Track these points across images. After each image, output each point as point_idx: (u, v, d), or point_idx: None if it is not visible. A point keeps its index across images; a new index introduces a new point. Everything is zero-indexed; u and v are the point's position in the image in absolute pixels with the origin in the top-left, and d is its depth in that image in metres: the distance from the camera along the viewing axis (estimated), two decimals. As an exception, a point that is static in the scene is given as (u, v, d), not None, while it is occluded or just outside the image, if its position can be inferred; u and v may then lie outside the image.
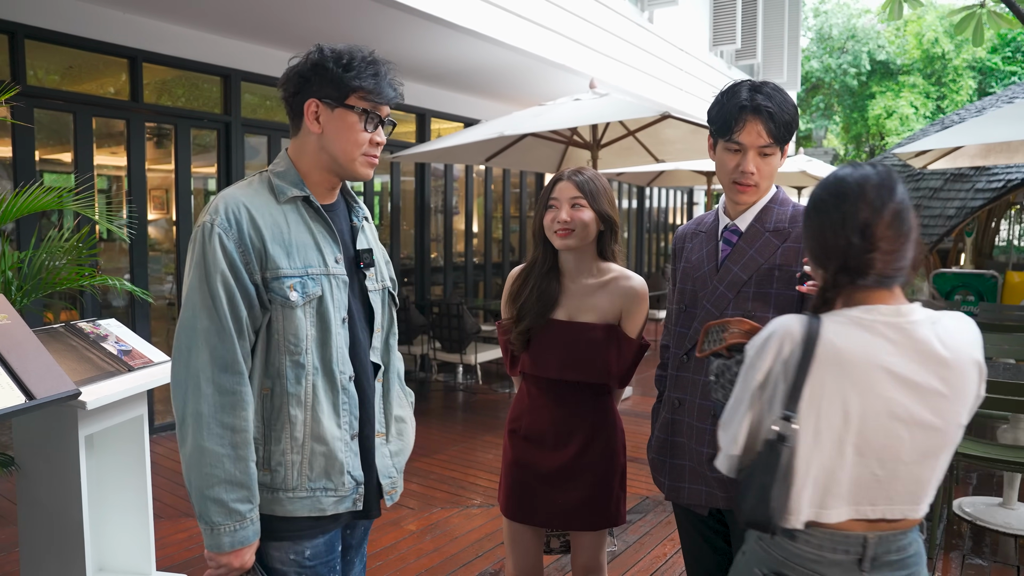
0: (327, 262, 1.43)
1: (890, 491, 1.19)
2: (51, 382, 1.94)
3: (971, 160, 6.17)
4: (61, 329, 2.48)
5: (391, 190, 7.20)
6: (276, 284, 1.36)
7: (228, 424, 1.31)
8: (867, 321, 1.19)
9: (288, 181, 1.43)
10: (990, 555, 3.26)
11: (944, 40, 15.94)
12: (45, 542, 2.36)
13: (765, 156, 1.58)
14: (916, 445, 1.18)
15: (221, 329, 1.32)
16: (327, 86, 1.40)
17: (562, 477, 1.94)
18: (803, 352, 1.19)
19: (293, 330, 1.37)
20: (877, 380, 1.17)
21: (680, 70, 9.08)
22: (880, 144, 17.10)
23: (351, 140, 1.42)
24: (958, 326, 1.20)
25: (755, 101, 1.55)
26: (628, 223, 12.18)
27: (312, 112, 1.41)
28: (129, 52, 4.82)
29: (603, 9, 7.10)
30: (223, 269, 1.33)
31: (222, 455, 1.31)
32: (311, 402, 1.39)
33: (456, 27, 5.14)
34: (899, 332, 1.18)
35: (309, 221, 1.44)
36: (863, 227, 1.16)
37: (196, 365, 1.31)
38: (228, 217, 1.35)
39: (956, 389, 1.17)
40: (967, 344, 1.18)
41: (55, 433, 2.29)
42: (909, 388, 1.17)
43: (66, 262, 2.84)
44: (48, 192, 2.74)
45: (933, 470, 1.20)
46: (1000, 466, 3.20)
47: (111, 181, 5.13)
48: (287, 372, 1.38)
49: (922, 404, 1.17)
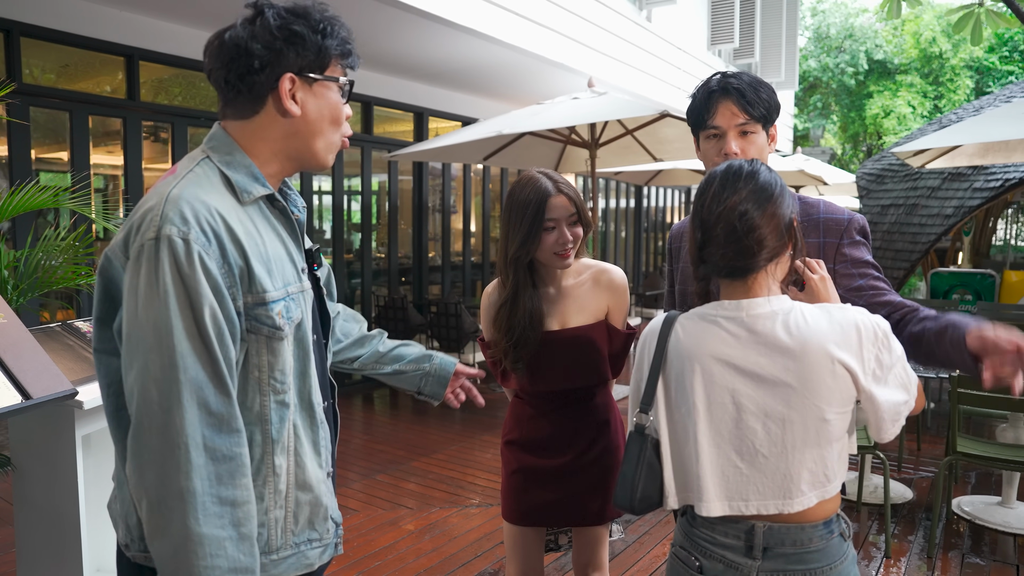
0: (299, 275, 1.18)
1: (758, 485, 1.19)
2: (48, 381, 1.92)
3: (969, 159, 6.17)
4: (58, 328, 2.47)
5: (388, 189, 7.19)
6: (262, 311, 1.09)
7: (228, 498, 1.03)
8: (710, 316, 1.24)
9: (245, 175, 1.13)
10: (989, 554, 3.26)
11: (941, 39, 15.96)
12: (42, 542, 2.35)
13: (746, 135, 1.52)
14: (773, 438, 1.18)
15: (215, 377, 1.03)
16: (305, 56, 1.13)
17: (566, 476, 1.92)
18: (657, 347, 1.30)
19: (280, 364, 1.12)
20: (719, 373, 1.21)
21: (678, 69, 9.08)
22: (878, 143, 17.13)
23: (334, 119, 1.18)
24: (813, 319, 1.17)
25: (723, 83, 1.53)
26: (626, 222, 12.18)
27: (288, 90, 1.12)
28: (126, 50, 4.81)
29: (601, 8, 7.09)
30: (211, 301, 1.03)
31: (223, 539, 1.02)
32: (293, 445, 1.15)
33: (454, 25, 5.13)
34: (739, 325, 1.20)
35: (276, 225, 1.17)
36: (701, 221, 1.21)
37: (180, 428, 1.00)
38: (204, 230, 1.04)
39: (804, 380, 1.15)
40: (818, 335, 1.15)
41: (52, 433, 2.28)
42: (754, 380, 1.18)
43: (62, 261, 2.83)
44: (44, 191, 2.72)
45: (803, 464, 1.17)
46: (999, 465, 3.20)
47: (108, 180, 5.11)
48: (271, 416, 1.12)
49: (771, 396, 1.17)
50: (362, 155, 6.78)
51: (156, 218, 1.03)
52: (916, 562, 3.18)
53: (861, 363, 1.16)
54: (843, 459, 1.21)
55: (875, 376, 1.17)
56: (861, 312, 1.19)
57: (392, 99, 6.89)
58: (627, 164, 6.60)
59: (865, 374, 1.16)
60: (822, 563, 1.18)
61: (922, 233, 8.36)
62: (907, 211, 8.74)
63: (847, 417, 1.19)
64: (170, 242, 1.01)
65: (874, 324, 1.18)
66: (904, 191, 8.98)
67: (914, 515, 3.70)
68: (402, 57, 6.05)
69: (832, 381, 1.15)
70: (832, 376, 1.15)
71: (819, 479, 1.18)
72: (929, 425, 5.45)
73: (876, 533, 3.47)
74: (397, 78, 6.83)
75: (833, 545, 1.19)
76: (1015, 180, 7.53)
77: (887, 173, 9.47)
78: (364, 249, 6.88)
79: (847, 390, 1.16)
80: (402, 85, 6.93)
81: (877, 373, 1.17)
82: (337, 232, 6.56)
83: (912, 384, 1.21)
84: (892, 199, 9.12)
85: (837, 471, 1.20)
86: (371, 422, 5.69)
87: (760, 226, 1.17)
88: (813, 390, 1.15)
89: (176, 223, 1.02)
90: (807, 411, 1.16)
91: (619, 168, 7.42)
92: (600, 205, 11.04)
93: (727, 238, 1.18)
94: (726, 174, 1.22)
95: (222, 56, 1.13)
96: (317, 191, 6.55)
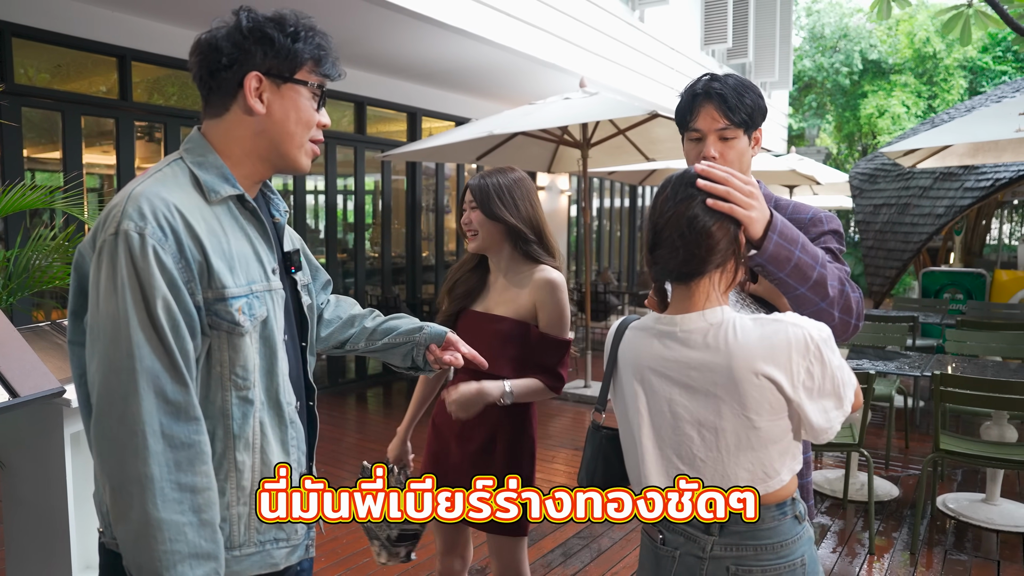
0: (267, 274, 1.20)
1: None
2: (36, 379, 1.94)
3: (960, 159, 6.21)
4: (47, 327, 2.49)
5: (382, 189, 7.21)
6: (221, 306, 1.11)
7: (187, 484, 1.05)
8: (650, 328, 1.30)
9: (215, 175, 1.17)
10: (972, 550, 3.29)
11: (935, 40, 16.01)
12: (31, 540, 2.37)
13: (726, 140, 1.52)
14: (708, 444, 1.23)
15: (171, 367, 1.05)
16: (273, 57, 1.15)
17: (464, 473, 1.94)
18: (610, 352, 1.38)
19: (241, 361, 1.14)
20: (657, 383, 1.27)
21: (671, 69, 9.11)
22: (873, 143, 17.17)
23: (301, 122, 1.20)
24: (742, 333, 1.19)
25: (707, 87, 1.53)
26: (620, 222, 12.21)
27: (253, 88, 1.15)
28: (118, 51, 4.82)
29: (594, 8, 7.12)
30: (164, 292, 1.05)
31: (183, 524, 1.04)
32: (259, 442, 1.17)
33: (446, 26, 5.15)
34: (674, 340, 1.25)
35: (245, 225, 1.20)
36: (653, 224, 1.25)
37: (138, 416, 1.03)
38: (160, 225, 1.07)
39: (731, 392, 1.19)
40: (744, 350, 1.17)
41: (40, 431, 2.30)
42: (687, 391, 1.23)
43: (53, 260, 2.85)
44: (36, 191, 2.75)
45: (739, 466, 1.22)
46: (981, 462, 3.24)
47: (101, 180, 5.12)
48: (232, 411, 1.14)
49: (703, 406, 1.22)
50: (355, 155, 6.80)
51: (117, 215, 1.07)
52: (899, 558, 3.22)
53: (789, 376, 1.17)
54: (787, 455, 1.24)
55: (805, 388, 1.18)
56: (797, 324, 1.19)
57: (385, 99, 6.91)
58: (619, 164, 6.63)
59: (794, 387, 1.18)
60: (774, 540, 1.24)
61: (914, 232, 8.40)
62: (899, 210, 8.79)
63: (780, 423, 1.21)
64: (127, 236, 1.05)
65: (807, 336, 1.18)
66: (896, 191, 9.03)
67: (900, 512, 3.74)
68: (395, 57, 6.07)
69: (759, 394, 1.18)
70: (758, 389, 1.18)
71: (758, 477, 1.23)
72: (918, 423, 5.49)
73: (861, 530, 3.50)
74: (390, 78, 6.85)
75: (786, 525, 1.25)
76: (1005, 180, 7.58)
77: (880, 173, 9.51)
78: (357, 248, 6.90)
79: (775, 400, 1.19)
80: (395, 85, 6.95)
81: (807, 384, 1.19)
82: (330, 231, 6.58)
83: (847, 395, 1.23)
84: (884, 199, 9.16)
85: (779, 468, 1.23)
86: (364, 421, 5.71)
87: (712, 234, 1.21)
88: (740, 402, 1.19)
89: (134, 219, 1.06)
90: (737, 420, 1.20)
91: (612, 168, 7.45)
92: (594, 204, 11.07)
93: (676, 242, 1.21)
94: (680, 180, 1.25)
95: (199, 53, 1.17)
96: (312, 191, 6.57)
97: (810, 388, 1.19)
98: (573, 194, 10.48)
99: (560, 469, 4.32)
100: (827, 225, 1.56)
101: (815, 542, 3.28)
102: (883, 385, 4.47)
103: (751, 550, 1.23)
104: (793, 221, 1.55)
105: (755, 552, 1.23)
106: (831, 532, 3.50)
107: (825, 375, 1.19)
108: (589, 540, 3.36)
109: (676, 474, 1.26)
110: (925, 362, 4.02)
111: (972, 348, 4.80)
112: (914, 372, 3.74)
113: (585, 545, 3.31)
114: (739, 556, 1.24)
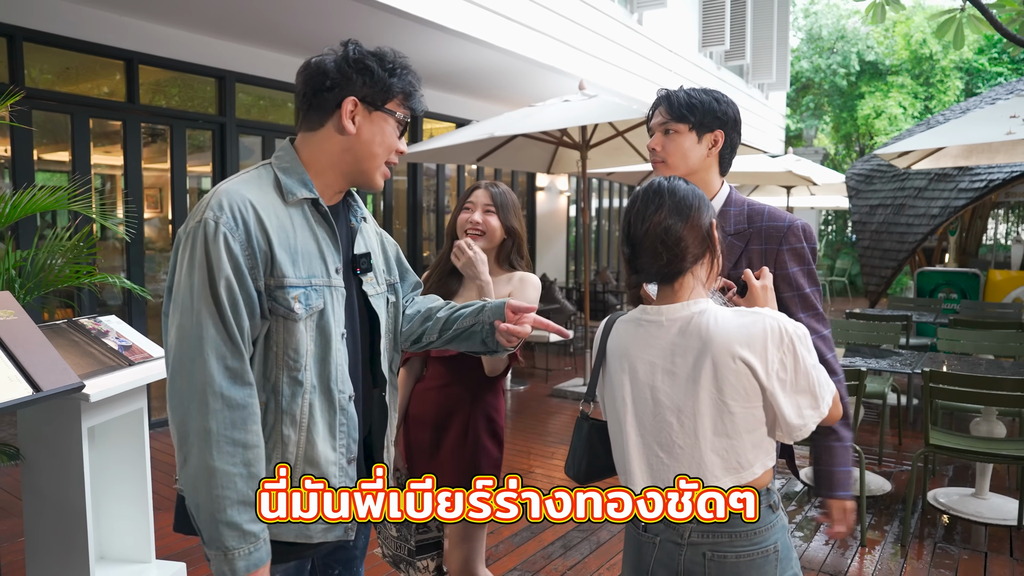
0: (329, 272, 1.33)
1: (677, 473, 1.32)
2: (56, 375, 2.02)
3: (954, 160, 6.30)
4: (64, 325, 2.57)
5: (383, 189, 7.28)
6: (280, 293, 1.26)
7: (240, 440, 1.20)
8: (637, 319, 1.39)
9: (296, 180, 1.32)
10: (960, 543, 3.38)
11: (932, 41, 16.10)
12: (49, 531, 2.44)
13: (668, 134, 1.66)
14: (686, 430, 1.30)
15: (229, 338, 1.20)
16: (370, 87, 1.31)
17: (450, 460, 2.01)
18: (599, 345, 1.47)
19: (294, 344, 1.27)
20: (642, 371, 1.35)
21: (670, 71, 9.19)
22: (870, 143, 17.25)
23: (384, 146, 1.35)
24: (723, 320, 1.27)
25: (664, 92, 1.70)
26: (619, 222, 12.29)
27: (349, 111, 1.31)
28: (125, 54, 4.90)
29: (592, 11, 7.20)
30: (228, 274, 1.21)
31: (234, 475, 1.19)
32: (307, 422, 1.29)
33: (447, 30, 5.23)
34: (659, 328, 1.33)
35: (314, 226, 1.33)
36: (629, 237, 1.35)
37: (202, 377, 1.18)
38: (234, 216, 1.22)
39: (709, 376, 1.26)
40: (724, 334, 1.25)
41: (59, 425, 2.37)
42: (669, 377, 1.31)
43: (66, 260, 2.92)
44: (50, 193, 2.82)
45: (715, 452, 1.29)
46: (970, 457, 3.32)
47: (107, 180, 5.20)
48: (283, 388, 1.28)
49: (682, 392, 1.30)
50: (357, 156, 6.87)
51: (203, 206, 1.25)
52: (890, 550, 3.30)
53: (764, 363, 1.24)
54: (760, 448, 1.31)
55: (779, 378, 1.25)
56: (775, 317, 1.27)
57: (387, 101, 6.98)
58: (618, 165, 6.71)
59: (768, 375, 1.25)
60: (748, 527, 1.31)
61: (909, 232, 8.49)
62: (895, 211, 8.87)
63: (755, 412, 1.28)
64: (205, 224, 1.22)
65: (782, 329, 1.25)
66: (892, 191, 9.11)
67: (892, 507, 3.83)
68: (396, 60, 6.14)
69: (734, 378, 1.25)
70: (734, 374, 1.25)
71: (732, 466, 1.29)
72: (912, 421, 5.57)
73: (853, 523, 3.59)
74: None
75: (766, 514, 1.32)
76: (999, 181, 7.66)
77: (876, 174, 9.60)
78: (359, 249, 6.97)
79: (750, 386, 1.26)
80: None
81: (781, 375, 1.25)
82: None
83: (823, 396, 1.29)
84: (880, 199, 9.25)
85: (752, 459, 1.30)
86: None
87: (684, 237, 1.31)
88: (718, 385, 1.26)
89: (214, 209, 1.23)
90: (713, 405, 1.27)
91: (611, 169, 7.53)
92: (593, 205, 11.15)
93: (656, 250, 1.31)
94: (647, 193, 1.34)
95: (306, 74, 1.33)
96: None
97: (783, 379, 1.26)
98: (572, 195, 10.56)
99: (559, 464, 4.40)
100: (805, 242, 1.61)
101: (809, 537, 3.38)
102: (877, 383, 4.56)
103: (726, 536, 1.30)
104: (770, 229, 1.62)
105: (730, 539, 1.30)
106: (824, 526, 3.58)
107: (798, 370, 1.26)
108: (588, 532, 3.44)
109: (655, 461, 1.34)
110: (917, 360, 4.10)
111: (964, 347, 4.89)
112: (905, 369, 3.83)
113: (584, 537, 3.39)
114: (715, 543, 1.31)
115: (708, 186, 1.69)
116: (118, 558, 2.81)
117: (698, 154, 1.66)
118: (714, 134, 1.66)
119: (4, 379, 1.86)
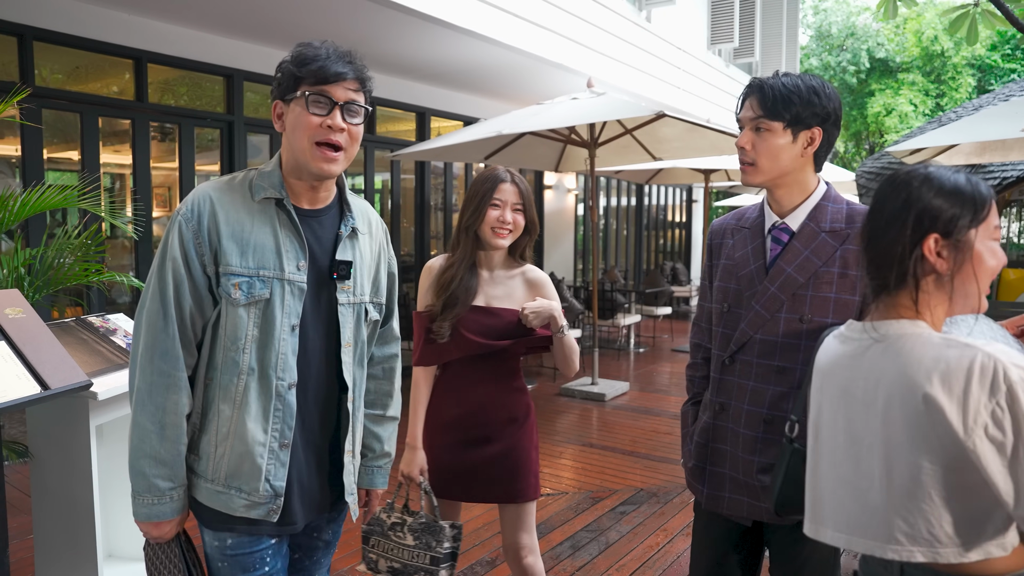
0: (284, 266, 1.41)
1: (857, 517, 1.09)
2: (65, 373, 2.02)
3: (966, 158, 6.23)
4: (72, 323, 2.57)
5: (391, 188, 7.29)
6: (224, 280, 1.38)
7: (159, 404, 1.36)
8: (843, 335, 1.18)
9: (269, 182, 1.44)
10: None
11: (943, 38, 15.97)
12: (57, 529, 2.44)
13: (760, 131, 1.49)
14: (867, 469, 1.06)
15: (164, 314, 1.36)
16: (284, 85, 1.41)
17: (485, 451, 2.08)
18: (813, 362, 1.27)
19: (232, 328, 1.39)
20: (830, 389, 1.15)
21: (678, 69, 9.15)
22: (880, 141, 17.15)
23: (300, 126, 1.39)
24: (920, 344, 1.03)
25: (757, 81, 1.51)
26: (627, 220, 12.25)
27: (277, 114, 1.44)
28: (134, 53, 4.91)
29: (601, 9, 7.17)
30: (175, 256, 1.37)
31: (150, 431, 1.36)
32: (240, 400, 1.39)
33: (455, 27, 5.22)
34: (860, 347, 1.12)
35: (277, 224, 1.43)
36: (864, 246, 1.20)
37: (143, 344, 1.37)
38: (192, 208, 1.39)
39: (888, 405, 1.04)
40: (917, 363, 1.01)
41: (67, 423, 2.37)
42: (855, 403, 1.10)
43: (75, 259, 2.93)
44: (60, 191, 2.83)
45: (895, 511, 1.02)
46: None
47: (116, 179, 5.22)
48: (222, 367, 1.40)
49: (864, 422, 1.07)
50: (365, 154, 6.88)
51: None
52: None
53: (961, 410, 0.96)
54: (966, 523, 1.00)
55: (988, 434, 0.95)
56: (995, 353, 0.96)
57: (394, 99, 6.99)
58: (626, 163, 6.69)
59: (965, 426, 0.95)
60: None
61: (921, 231, 8.41)
62: (906, 209, 8.79)
63: (952, 474, 0.99)
64: (173, 216, 1.42)
65: (997, 368, 0.95)
66: (903, 189, 9.03)
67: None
68: (404, 59, 6.14)
69: (920, 420, 0.99)
70: (919, 414, 0.99)
71: (921, 535, 1.01)
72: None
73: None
74: (399, 79, 6.92)
75: None
76: (1012, 178, 7.58)
77: (886, 172, 9.53)
78: (367, 247, 6.98)
79: (944, 436, 0.97)
80: (404, 86, 7.03)
81: (991, 430, 0.95)
82: (341, 230, 6.66)
83: None
84: (891, 197, 9.16)
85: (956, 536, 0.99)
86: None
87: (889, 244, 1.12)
88: (902, 426, 1.02)
89: (183, 204, 1.42)
90: (898, 450, 1.03)
91: (619, 167, 7.50)
92: (601, 203, 11.12)
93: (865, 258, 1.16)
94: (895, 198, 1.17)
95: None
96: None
97: (996, 439, 0.96)
98: (580, 193, 10.53)
99: (567, 464, 4.38)
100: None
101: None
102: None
103: None
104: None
105: None
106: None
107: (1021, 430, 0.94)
108: (597, 533, 3.42)
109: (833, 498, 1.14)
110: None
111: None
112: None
113: (593, 538, 3.37)
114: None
115: (803, 187, 1.54)
116: (126, 556, 2.81)
117: (791, 154, 1.49)
118: (811, 132, 1.49)
119: (13, 377, 1.86)
